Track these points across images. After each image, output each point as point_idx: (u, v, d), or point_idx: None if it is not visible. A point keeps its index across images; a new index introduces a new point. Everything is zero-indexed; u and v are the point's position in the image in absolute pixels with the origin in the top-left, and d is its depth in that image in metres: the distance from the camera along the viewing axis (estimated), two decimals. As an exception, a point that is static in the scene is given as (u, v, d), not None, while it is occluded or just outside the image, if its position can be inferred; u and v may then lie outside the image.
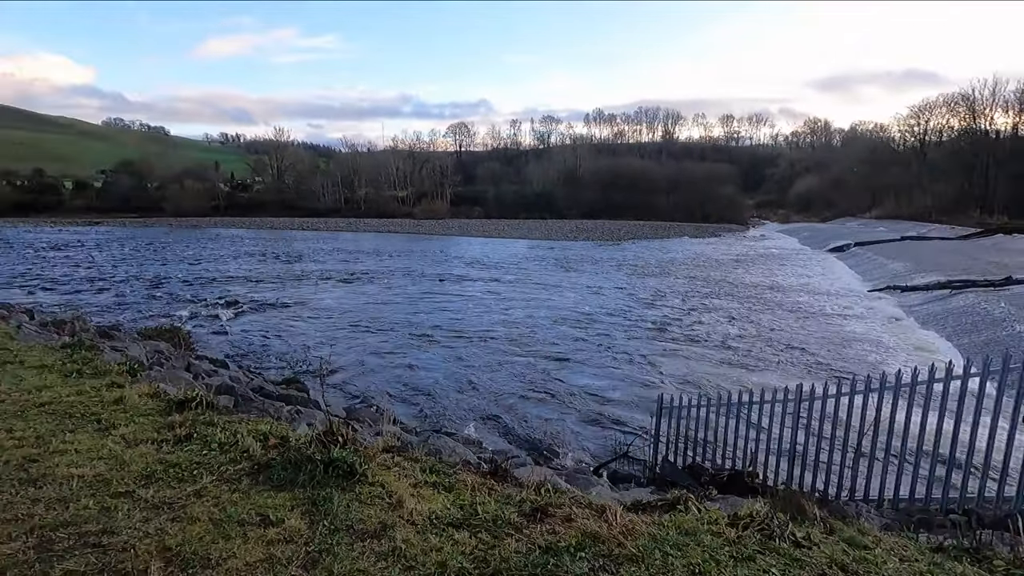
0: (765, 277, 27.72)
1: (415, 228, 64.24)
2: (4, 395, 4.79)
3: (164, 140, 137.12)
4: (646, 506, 3.23)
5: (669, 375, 11.99)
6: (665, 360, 13.06)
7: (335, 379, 11.60)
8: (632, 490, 5.62)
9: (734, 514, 2.87)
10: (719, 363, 12.91)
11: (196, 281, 25.29)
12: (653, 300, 21.01)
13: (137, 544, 2.53)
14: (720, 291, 23.15)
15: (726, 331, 15.84)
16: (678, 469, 7.01)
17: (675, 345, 14.42)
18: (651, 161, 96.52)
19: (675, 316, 17.97)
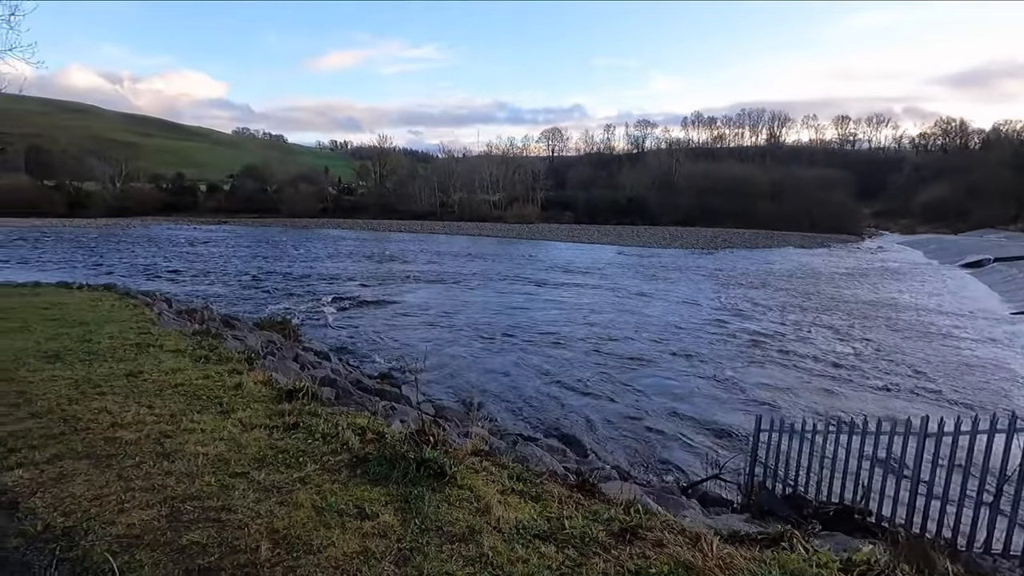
0: (880, 293, 25.20)
1: (505, 232, 65.25)
2: (147, 376, 5.43)
3: (282, 147, 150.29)
4: (744, 538, 3.02)
5: (762, 393, 11.22)
6: (758, 377, 12.25)
7: (424, 377, 12.01)
8: (725, 516, 5.29)
9: (848, 559, 2.60)
10: (820, 384, 11.89)
11: (304, 277, 27.32)
12: (748, 312, 19.79)
13: (250, 523, 2.75)
14: (826, 306, 21.35)
15: (830, 350, 14.57)
16: (777, 498, 6.51)
17: (770, 362, 13.47)
18: (753, 165, 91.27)
19: (772, 331, 16.81)
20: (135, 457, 3.52)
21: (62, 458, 3.49)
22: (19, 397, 4.62)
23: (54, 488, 3.11)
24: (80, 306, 9.37)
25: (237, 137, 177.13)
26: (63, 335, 7.02)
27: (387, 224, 72.64)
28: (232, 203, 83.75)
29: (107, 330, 7.45)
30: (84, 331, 7.31)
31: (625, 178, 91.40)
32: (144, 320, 8.53)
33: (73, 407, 4.40)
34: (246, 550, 2.52)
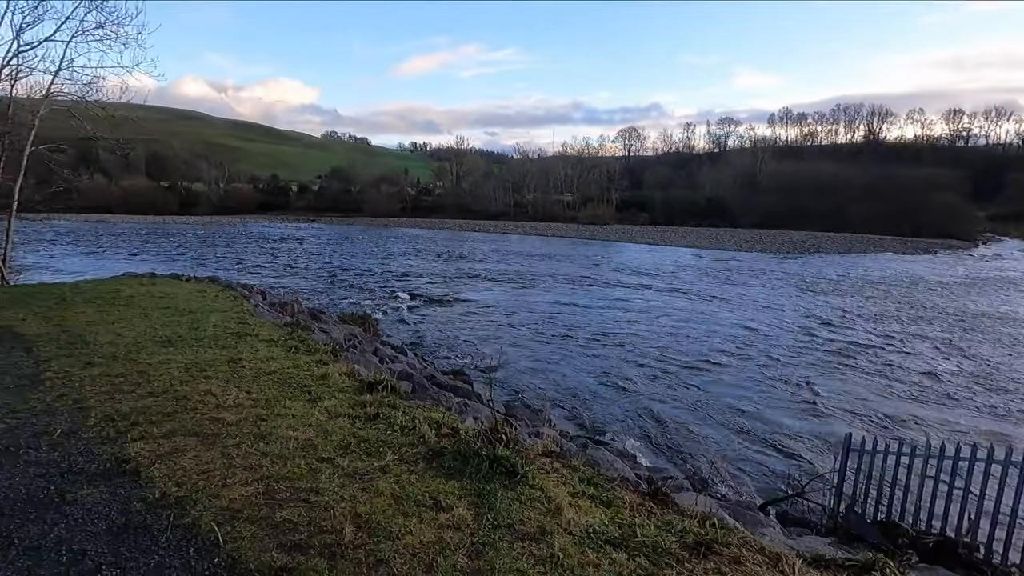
0: (992, 305, 22.70)
1: (578, 232, 64.80)
2: (245, 362, 5.90)
3: (366, 149, 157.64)
4: (830, 563, 2.85)
5: (849, 408, 10.45)
6: (845, 390, 11.41)
7: (496, 375, 12.20)
8: (808, 538, 4.99)
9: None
10: (916, 402, 10.90)
11: (383, 274, 28.51)
12: (837, 322, 18.46)
13: (335, 506, 2.94)
14: (926, 317, 19.52)
15: (929, 365, 13.32)
16: (867, 523, 6.06)
17: (859, 375, 12.51)
18: (848, 164, 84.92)
19: (862, 341, 15.60)
20: (235, 437, 3.85)
21: (175, 434, 3.88)
22: (140, 377, 5.17)
23: (168, 460, 3.46)
24: (189, 296, 10.30)
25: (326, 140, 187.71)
26: (175, 322, 7.76)
27: (461, 224, 74.26)
28: (320, 202, 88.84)
29: (211, 319, 8.15)
30: (192, 319, 8.04)
31: (705, 178, 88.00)
32: (243, 311, 9.25)
33: (183, 388, 4.87)
34: (332, 531, 2.69)
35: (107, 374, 5.23)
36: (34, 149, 13.30)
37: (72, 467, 3.40)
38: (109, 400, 4.55)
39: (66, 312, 8.23)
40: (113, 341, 6.52)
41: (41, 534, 2.70)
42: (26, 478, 3.24)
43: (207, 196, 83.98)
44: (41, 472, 3.32)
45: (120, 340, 6.57)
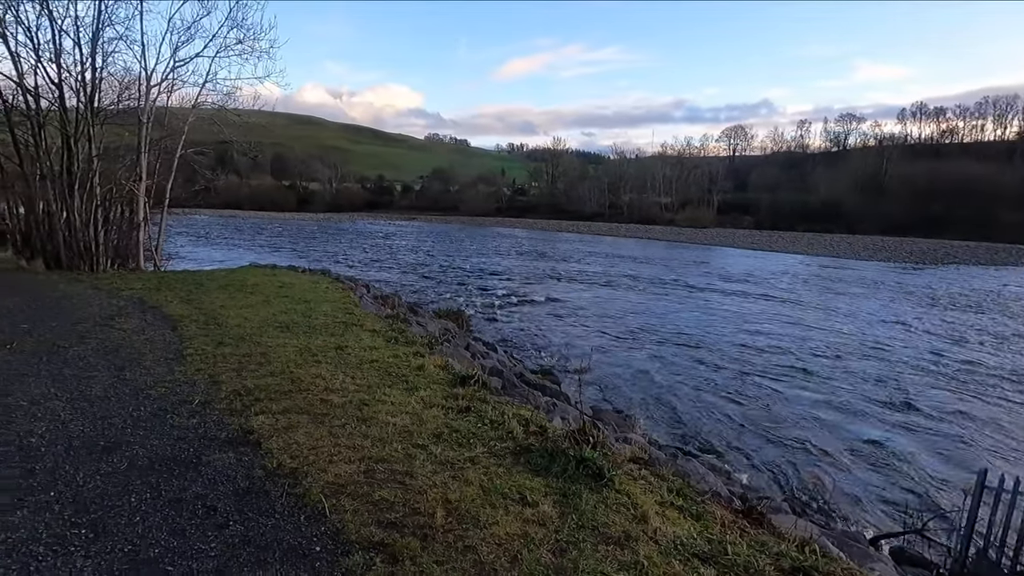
0: None
1: (675, 236, 62.52)
2: (350, 350, 6.35)
3: (466, 151, 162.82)
4: (952, 610, 2.57)
5: (983, 440, 9.19)
6: (982, 420, 10.05)
7: (584, 377, 12.10)
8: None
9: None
10: None
11: (476, 271, 29.28)
12: (973, 342, 16.30)
13: (428, 491, 3.10)
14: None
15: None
16: (1003, 573, 5.34)
17: (998, 404, 10.96)
18: (996, 164, 74.58)
19: (1007, 367, 13.65)
20: (341, 418, 4.17)
21: (290, 411, 4.28)
22: (262, 358, 5.74)
23: (285, 435, 3.83)
24: (304, 287, 11.25)
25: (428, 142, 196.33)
26: (291, 310, 8.52)
27: (555, 224, 74.38)
28: (421, 201, 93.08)
29: (322, 308, 8.85)
30: (306, 308, 8.78)
31: (819, 180, 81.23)
32: (349, 302, 9.95)
33: (297, 370, 5.34)
34: (424, 514, 2.85)
35: (235, 353, 5.87)
36: (183, 153, 15.15)
37: (207, 433, 3.87)
38: (237, 376, 5.10)
39: (203, 296, 9.31)
40: (240, 324, 7.28)
41: (182, 488, 3.11)
42: (171, 440, 3.74)
43: (321, 194, 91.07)
44: (183, 436, 3.81)
45: (246, 323, 7.33)
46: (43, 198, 12.81)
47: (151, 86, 13.70)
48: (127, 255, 14.38)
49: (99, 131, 12.94)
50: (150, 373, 5.16)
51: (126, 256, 14.36)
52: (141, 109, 13.65)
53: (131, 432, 3.84)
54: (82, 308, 8.12)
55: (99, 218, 12.96)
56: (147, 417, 4.12)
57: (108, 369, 5.26)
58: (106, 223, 13.47)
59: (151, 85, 13.70)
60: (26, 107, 12.51)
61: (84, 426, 3.93)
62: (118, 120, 13.91)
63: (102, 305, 8.40)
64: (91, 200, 12.73)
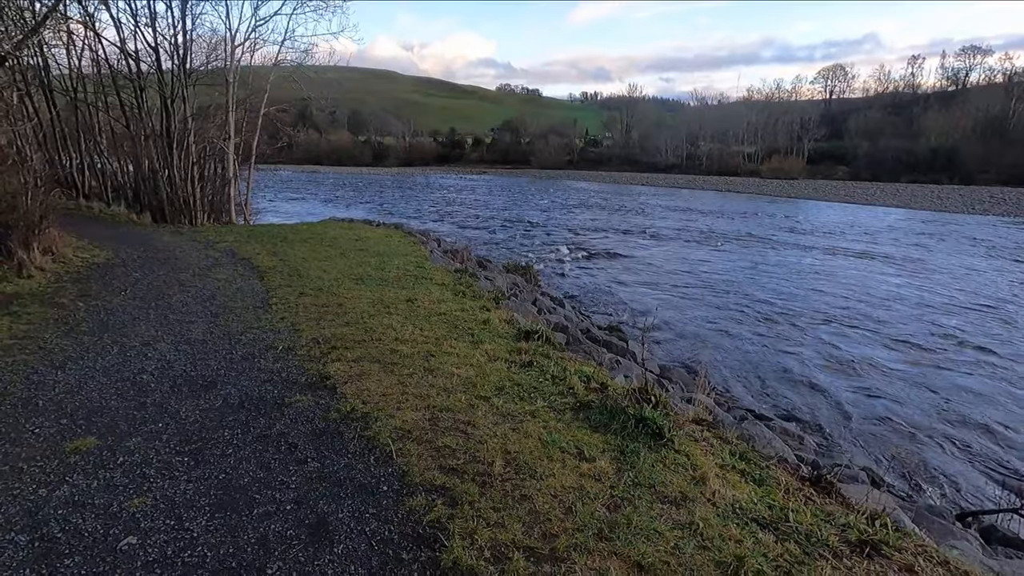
0: None
1: (759, 188, 58.74)
2: (420, 303, 6.58)
3: (538, 101, 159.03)
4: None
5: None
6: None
7: (653, 335, 11.92)
8: (1019, 562, 4.20)
9: None
10: None
11: (546, 225, 29.08)
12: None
13: (488, 441, 3.22)
14: None
15: None
16: (1113, 561, 4.88)
17: None
18: None
19: None
20: (409, 368, 4.37)
21: (363, 360, 4.53)
22: (338, 308, 6.08)
23: (357, 382, 4.08)
24: (378, 240, 11.67)
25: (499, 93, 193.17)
26: (366, 263, 8.89)
27: (629, 177, 71.94)
28: (492, 154, 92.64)
29: (395, 262, 9.17)
30: (380, 261, 9.13)
31: (931, 124, 72.62)
32: (420, 256, 10.24)
33: (370, 321, 5.62)
34: (484, 462, 2.97)
35: (315, 303, 6.24)
36: (266, 110, 15.85)
37: (289, 377, 4.19)
38: (316, 325, 5.45)
39: (287, 249, 9.90)
40: (319, 276, 7.71)
41: (267, 426, 3.41)
42: (259, 382, 4.09)
43: (395, 149, 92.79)
44: (268, 379, 4.15)
45: (325, 275, 7.75)
46: (147, 157, 13.93)
47: (235, 46, 14.30)
48: (220, 209, 15.48)
49: (192, 92, 13.76)
50: (241, 320, 5.61)
51: (220, 210, 15.47)
52: (227, 69, 14.33)
53: (224, 373, 4.23)
54: (183, 259, 8.89)
55: (195, 175, 13.96)
56: (238, 360, 4.51)
57: (205, 315, 5.77)
58: (201, 179, 14.51)
59: (235, 45, 14.30)
60: (128, 71, 13.47)
61: (186, 366, 4.37)
62: (207, 81, 14.70)
63: (200, 256, 9.15)
64: (188, 158, 13.70)
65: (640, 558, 2.25)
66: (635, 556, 2.26)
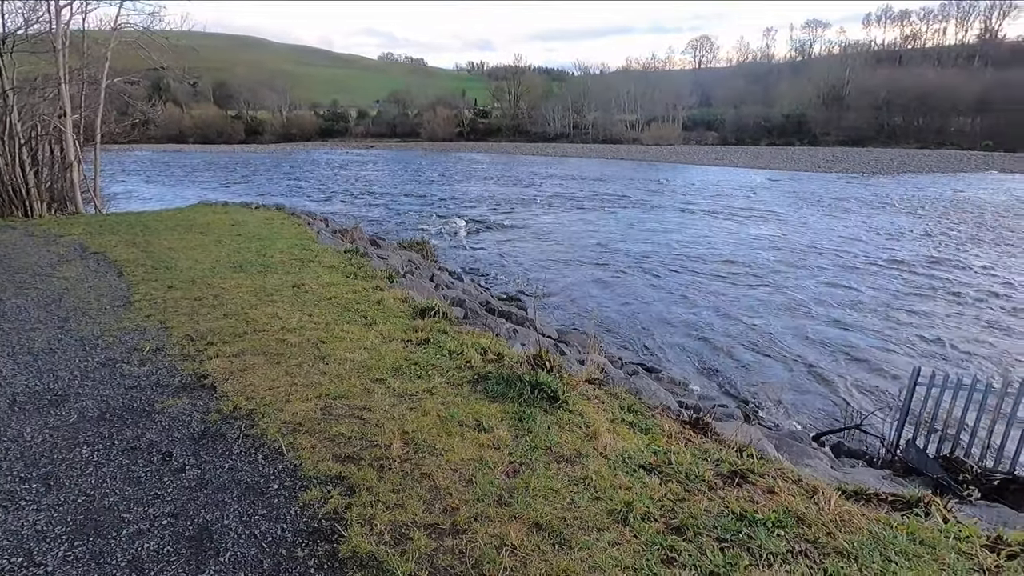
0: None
1: (641, 154, 61.96)
2: (308, 288, 6.23)
3: (423, 71, 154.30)
4: (872, 497, 2.82)
5: (927, 343, 9.87)
6: (926, 324, 10.74)
7: (551, 301, 12.32)
8: (859, 470, 4.93)
9: (997, 536, 2.33)
10: (1009, 340, 10.14)
11: (441, 199, 28.70)
12: (916, 250, 17.09)
13: (385, 423, 3.16)
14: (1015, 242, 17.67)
15: (1005, 291, 12.23)
16: (928, 457, 5.89)
17: (945, 309, 11.69)
18: (955, 71, 74.83)
19: (948, 276, 14.43)
20: (298, 357, 4.15)
21: (245, 353, 4.23)
22: (215, 300, 5.59)
23: (240, 377, 3.80)
24: (258, 224, 10.84)
25: (382, 63, 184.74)
26: (245, 249, 8.24)
27: (519, 147, 72.68)
28: (379, 127, 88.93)
29: (278, 246, 8.59)
30: (261, 246, 8.50)
31: (782, 92, 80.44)
32: (306, 238, 9.67)
33: (252, 311, 5.24)
34: (381, 445, 2.91)
35: (187, 297, 5.69)
36: (110, 82, 13.91)
37: (159, 380, 3.81)
38: (189, 321, 4.98)
39: (150, 239, 8.90)
40: (191, 266, 7.03)
41: (136, 437, 3.08)
42: (123, 389, 3.67)
43: (271, 124, 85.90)
44: (135, 384, 3.74)
45: (197, 265, 7.08)
46: (-43, 139, 11.72)
47: (60, 5, 12.30)
48: (64, 198, 13.49)
49: (9, 61, 11.70)
50: (96, 322, 4.98)
51: (63, 199, 13.48)
52: (54, 33, 12.32)
53: (79, 384, 3.75)
54: (18, 257, 7.68)
55: (25, 159, 11.99)
56: (95, 368, 4.01)
57: (51, 320, 5.05)
58: (35, 164, 12.50)
59: (60, 5, 12.29)
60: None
61: (29, 380, 3.81)
62: (29, 47, 12.56)
63: (40, 253, 7.96)
64: (13, 139, 11.72)
65: (538, 518, 2.34)
66: (534, 517, 2.34)
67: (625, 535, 2.25)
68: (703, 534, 2.26)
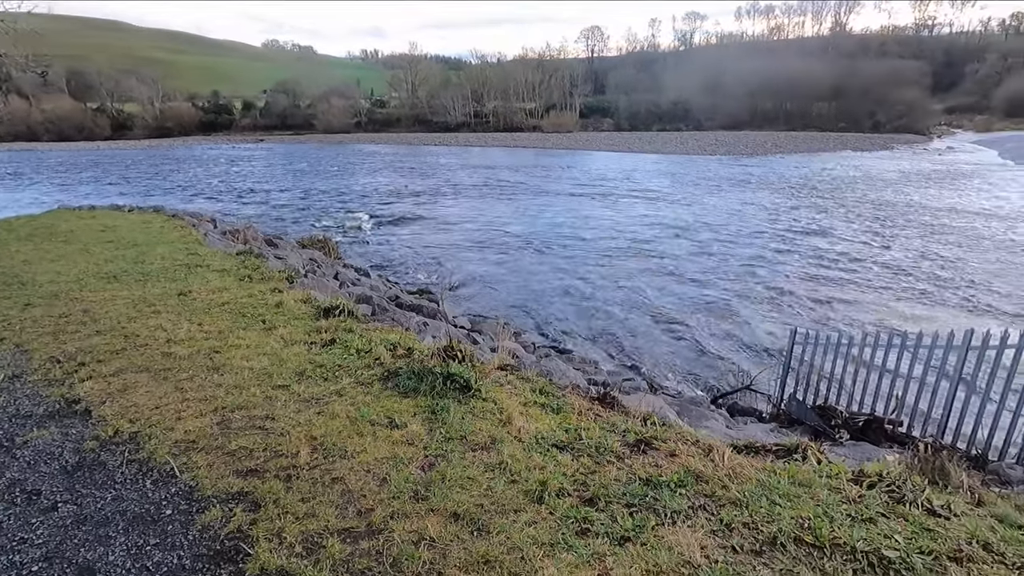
0: (939, 199, 23.57)
1: (542, 142, 63.17)
2: (196, 295, 5.75)
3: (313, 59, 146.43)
4: (759, 449, 3.11)
5: (805, 305, 11.03)
6: (803, 285, 11.98)
7: (464, 291, 12.31)
8: (749, 426, 5.42)
9: (859, 471, 2.66)
10: (860, 293, 11.58)
11: (342, 193, 27.58)
12: (785, 219, 19.00)
13: (291, 431, 3.01)
14: (873, 213, 20.21)
15: (873, 257, 14.00)
16: (806, 408, 6.58)
17: (822, 273, 13.09)
18: (814, 60, 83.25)
19: (815, 244, 16.18)
20: (189, 371, 3.83)
21: (125, 371, 3.83)
22: (84, 316, 5.01)
23: (120, 398, 3.44)
24: (132, 228, 9.82)
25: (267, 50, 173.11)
26: (119, 257, 7.44)
27: (421, 137, 71.48)
28: (268, 119, 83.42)
29: (158, 251, 7.84)
30: (137, 252, 7.72)
31: (669, 80, 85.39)
32: (191, 241, 8.91)
33: (132, 325, 4.75)
34: (288, 454, 2.77)
35: (49, 315, 5.05)
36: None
37: (20, 411, 3.36)
38: (53, 341, 4.42)
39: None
40: (53, 280, 6.24)
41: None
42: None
43: (142, 117, 77.69)
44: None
45: (60, 278, 6.29)
46: None
47: None
48: None
49: None
50: (-69, 352, 4.29)
51: None
52: None
53: (-87, 425, 3.21)
54: None
55: None
56: (-66, 404, 3.45)
57: None
58: None
59: None
60: None
61: None
62: None
63: None
64: None
65: (456, 508, 2.34)
66: (451, 507, 2.34)
67: (541, 513, 2.31)
68: (614, 502, 2.38)
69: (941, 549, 2.07)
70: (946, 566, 1.99)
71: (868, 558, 2.00)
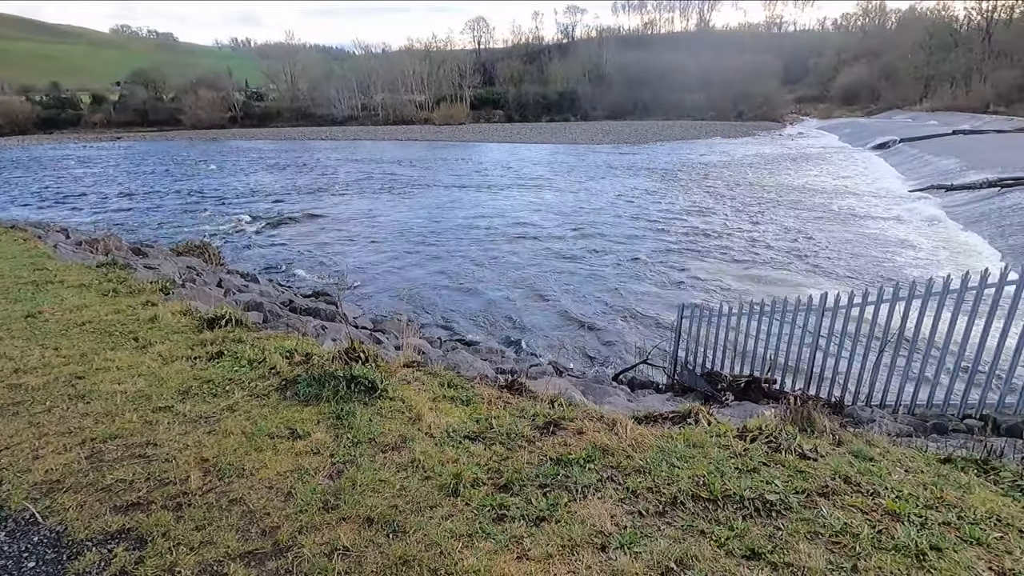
0: (793, 178, 26.55)
1: (434, 135, 62.45)
2: (48, 315, 5.04)
3: (174, 47, 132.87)
4: (657, 418, 3.32)
5: (691, 281, 11.94)
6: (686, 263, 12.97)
7: (363, 290, 11.91)
8: (648, 397, 5.78)
9: (743, 427, 2.93)
10: (738, 267, 12.77)
11: (221, 195, 25.47)
12: (666, 202, 20.48)
13: (178, 455, 2.74)
14: (743, 194, 22.35)
15: (741, 233, 15.51)
16: (696, 375, 7.14)
17: (681, 245, 14.22)
18: (684, 54, 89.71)
19: (694, 225, 17.58)
20: (45, 402, 3.35)
21: (-40, 412, 3.28)
22: (-102, 351, 4.21)
23: (-43, 443, 2.94)
24: (-43, 244, 8.38)
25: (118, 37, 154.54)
26: (-59, 279, 6.32)
27: (305, 132, 67.79)
28: (124, 115, 74.89)
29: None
30: (-34, 272, 6.60)
31: (555, 71, 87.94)
32: (38, 255, 7.78)
33: (-35, 357, 4.07)
34: (176, 481, 2.52)
35: None
36: None
37: None
38: None
39: None
40: None
41: None
42: None
43: (-38, 114, 66.49)
44: None
45: None
46: None
47: None
48: None
49: None
50: None
51: None
52: None
53: None
54: None
55: None
56: None
57: None
58: None
59: None
60: None
61: None
62: None
63: None
64: None
65: (369, 512, 2.27)
66: (364, 513, 2.26)
67: (457, 505, 2.31)
68: (527, 485, 2.43)
69: (812, 487, 2.35)
70: (816, 500, 2.26)
71: (754, 504, 2.22)
